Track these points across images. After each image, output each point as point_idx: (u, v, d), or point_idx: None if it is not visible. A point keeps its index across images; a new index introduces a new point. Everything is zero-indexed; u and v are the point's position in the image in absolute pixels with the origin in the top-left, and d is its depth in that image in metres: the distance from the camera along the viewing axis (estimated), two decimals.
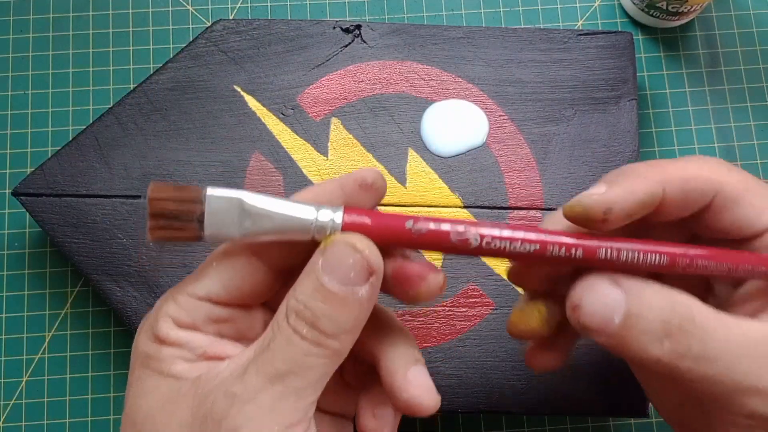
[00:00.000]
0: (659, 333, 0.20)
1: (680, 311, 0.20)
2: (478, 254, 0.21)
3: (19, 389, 0.34)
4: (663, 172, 0.22)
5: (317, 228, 0.20)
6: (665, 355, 0.20)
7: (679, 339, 0.20)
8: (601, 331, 0.21)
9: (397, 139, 0.33)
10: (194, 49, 0.34)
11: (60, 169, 0.33)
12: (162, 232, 0.20)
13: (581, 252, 0.21)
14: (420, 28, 0.34)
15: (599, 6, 0.39)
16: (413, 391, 0.21)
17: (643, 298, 0.20)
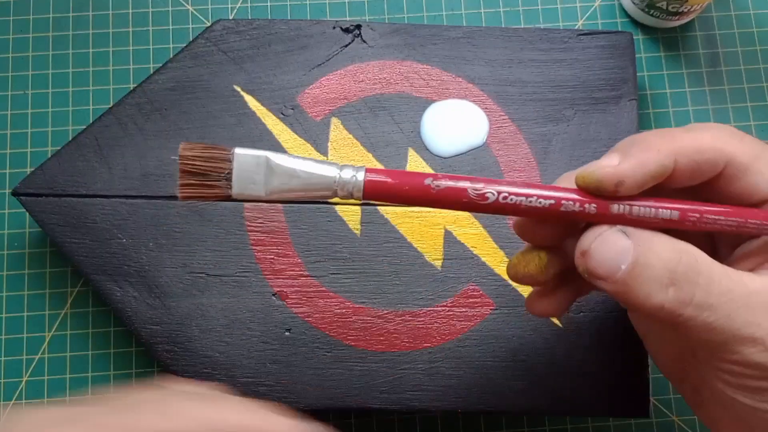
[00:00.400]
0: (665, 281, 0.21)
1: (686, 261, 0.21)
2: (495, 211, 0.22)
3: (19, 389, 0.34)
4: (675, 143, 0.22)
5: (340, 185, 0.21)
6: (669, 302, 0.21)
7: (684, 287, 0.21)
8: (608, 277, 0.21)
9: (397, 139, 0.33)
10: (194, 49, 0.34)
11: (60, 169, 0.32)
12: (192, 190, 0.21)
13: (594, 207, 0.22)
14: (420, 28, 0.34)
15: (599, 6, 0.39)
16: None
17: (651, 247, 0.21)
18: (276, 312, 0.31)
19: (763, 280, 0.22)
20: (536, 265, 0.24)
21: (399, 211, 0.33)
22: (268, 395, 0.31)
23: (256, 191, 0.21)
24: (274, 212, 0.32)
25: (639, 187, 0.22)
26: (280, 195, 0.21)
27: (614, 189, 0.21)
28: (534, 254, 0.24)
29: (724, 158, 0.22)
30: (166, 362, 0.31)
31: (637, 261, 0.21)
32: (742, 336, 0.21)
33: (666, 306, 0.21)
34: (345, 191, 0.21)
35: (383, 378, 0.31)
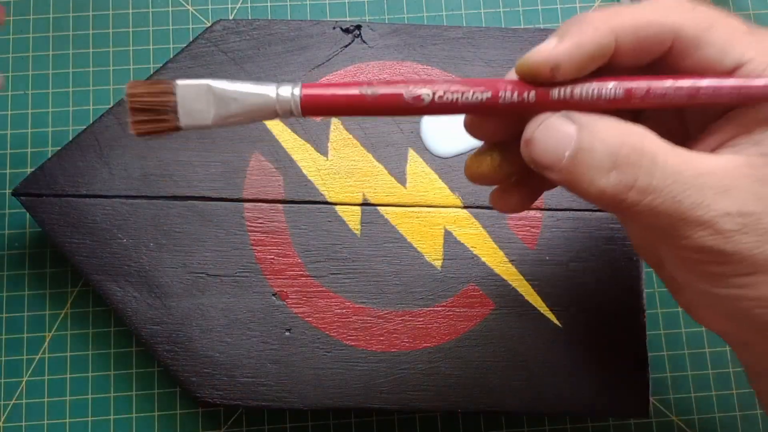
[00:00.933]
0: (607, 165, 0.20)
1: (630, 142, 0.20)
2: (433, 111, 0.21)
3: (19, 389, 0.34)
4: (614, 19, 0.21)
5: (279, 103, 0.21)
6: (610, 187, 0.20)
7: (626, 170, 0.20)
8: (553, 166, 0.20)
9: (397, 140, 0.33)
10: (194, 49, 0.34)
11: (60, 170, 0.33)
12: (144, 126, 0.22)
13: (533, 94, 0.21)
14: (420, 29, 0.34)
15: (599, 6, 0.39)
16: None
17: (594, 131, 0.20)
18: (276, 312, 0.31)
19: (718, 160, 0.20)
20: (488, 164, 0.23)
21: (399, 211, 0.33)
22: (268, 395, 0.31)
23: (202, 119, 0.21)
24: (275, 212, 0.32)
25: (578, 70, 0.20)
26: (225, 120, 0.21)
27: (550, 74, 0.20)
28: (486, 154, 0.24)
29: (671, 32, 0.21)
30: (167, 362, 0.31)
31: (581, 146, 0.20)
32: (689, 219, 0.20)
33: (608, 191, 0.20)
34: (284, 109, 0.21)
35: (383, 378, 0.31)
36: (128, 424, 0.34)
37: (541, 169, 0.21)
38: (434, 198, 0.33)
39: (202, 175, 0.33)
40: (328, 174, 0.33)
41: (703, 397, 0.35)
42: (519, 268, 0.32)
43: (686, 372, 0.35)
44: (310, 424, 0.34)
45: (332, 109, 0.21)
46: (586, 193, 0.21)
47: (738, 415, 0.35)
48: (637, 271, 0.32)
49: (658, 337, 0.36)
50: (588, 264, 0.32)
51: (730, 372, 0.35)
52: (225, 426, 0.34)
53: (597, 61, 0.21)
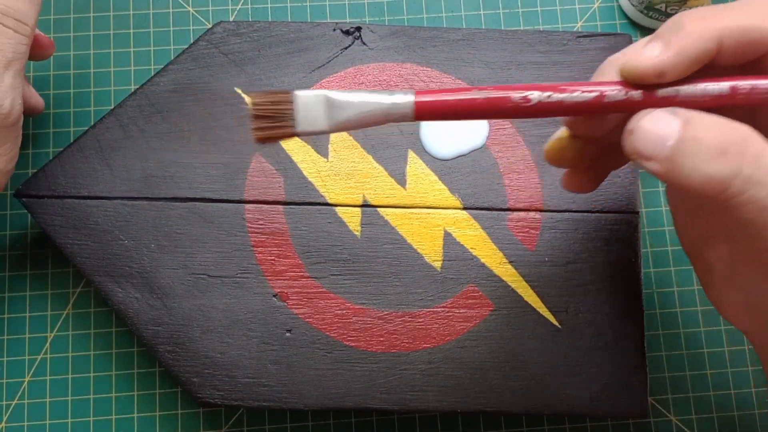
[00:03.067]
0: (713, 152, 0.20)
1: (737, 134, 0.21)
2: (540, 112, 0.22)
3: (22, 389, 0.34)
4: (718, 24, 0.22)
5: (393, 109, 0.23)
6: (717, 174, 0.20)
7: (733, 158, 0.20)
8: (654, 156, 0.21)
9: (397, 141, 0.33)
10: (195, 51, 0.34)
11: (62, 171, 0.33)
12: (264, 132, 0.23)
13: (640, 93, 0.22)
14: (420, 30, 0.35)
15: (598, 8, 0.39)
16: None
17: (698, 122, 0.21)
18: (277, 313, 0.32)
19: None
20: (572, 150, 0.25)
21: (399, 212, 0.33)
22: (268, 395, 0.31)
23: (320, 126, 0.23)
24: (275, 214, 0.33)
25: (681, 75, 0.22)
26: (342, 125, 0.23)
27: (656, 80, 0.21)
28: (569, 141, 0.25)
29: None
30: (168, 363, 0.31)
31: (685, 136, 0.21)
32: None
33: (715, 177, 0.20)
34: (398, 115, 0.23)
35: (383, 378, 0.31)
36: (130, 424, 0.34)
37: (641, 160, 0.22)
38: (434, 199, 0.33)
39: (203, 176, 0.33)
40: (328, 175, 0.33)
41: (701, 397, 0.35)
42: (518, 269, 0.32)
43: (684, 372, 0.35)
44: (310, 424, 0.35)
45: (443, 114, 0.23)
46: (687, 182, 0.21)
47: (736, 415, 0.35)
48: (636, 271, 0.32)
49: (656, 337, 0.36)
50: (587, 265, 0.32)
51: (728, 372, 0.35)
52: (226, 426, 0.34)
53: (700, 64, 0.22)
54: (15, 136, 0.30)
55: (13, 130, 0.30)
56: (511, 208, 0.33)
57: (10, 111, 0.29)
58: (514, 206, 0.33)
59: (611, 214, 0.33)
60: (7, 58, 0.28)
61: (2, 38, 0.28)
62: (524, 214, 0.33)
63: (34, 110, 0.35)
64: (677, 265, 0.36)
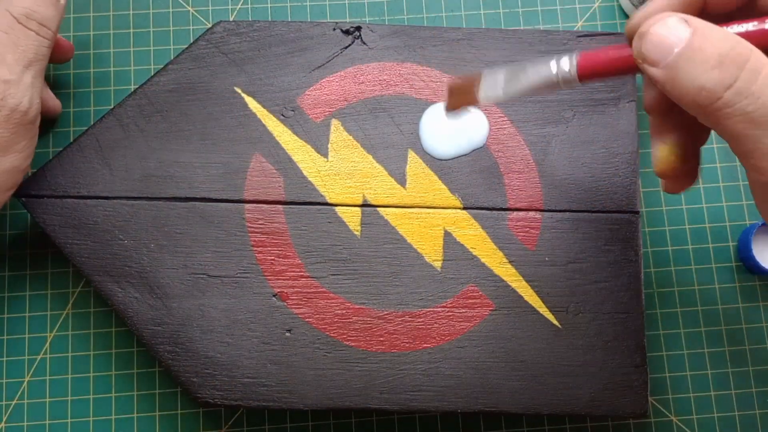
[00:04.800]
0: (712, 62, 0.21)
1: (739, 50, 0.21)
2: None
3: (21, 389, 0.34)
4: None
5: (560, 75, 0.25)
6: (711, 83, 0.21)
7: (729, 69, 0.21)
8: (659, 62, 0.22)
9: (397, 141, 0.33)
10: (195, 50, 0.34)
11: (61, 171, 0.33)
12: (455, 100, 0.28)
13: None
14: (420, 30, 0.35)
15: (598, 7, 0.39)
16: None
17: (707, 34, 0.21)
18: (276, 313, 0.32)
19: None
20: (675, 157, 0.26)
21: (399, 212, 0.33)
22: (268, 395, 0.31)
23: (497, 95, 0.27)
24: (275, 213, 0.32)
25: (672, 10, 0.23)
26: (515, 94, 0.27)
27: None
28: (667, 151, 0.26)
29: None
30: (168, 362, 0.31)
31: (691, 45, 0.21)
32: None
33: (707, 86, 0.21)
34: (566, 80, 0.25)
35: (383, 378, 0.31)
36: (129, 424, 0.34)
37: (645, 64, 0.22)
38: (434, 199, 0.33)
39: (202, 176, 0.33)
40: (328, 175, 0.33)
41: (701, 397, 0.35)
42: (518, 269, 0.32)
43: (685, 372, 0.35)
44: (310, 424, 0.35)
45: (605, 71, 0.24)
46: (684, 92, 0.21)
47: (736, 415, 0.35)
48: (636, 271, 0.32)
49: (656, 337, 0.36)
50: (587, 265, 0.32)
51: (728, 372, 0.35)
52: (226, 426, 0.34)
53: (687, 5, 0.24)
54: (32, 134, 0.31)
55: (30, 128, 0.30)
56: (511, 208, 0.33)
57: (28, 109, 0.30)
58: (514, 206, 0.33)
59: (611, 214, 0.33)
60: (29, 59, 0.30)
61: (25, 40, 0.29)
62: (524, 213, 0.33)
63: (51, 112, 0.35)
64: (677, 265, 0.36)
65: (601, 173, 0.33)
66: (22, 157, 0.30)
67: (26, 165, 0.31)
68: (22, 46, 0.29)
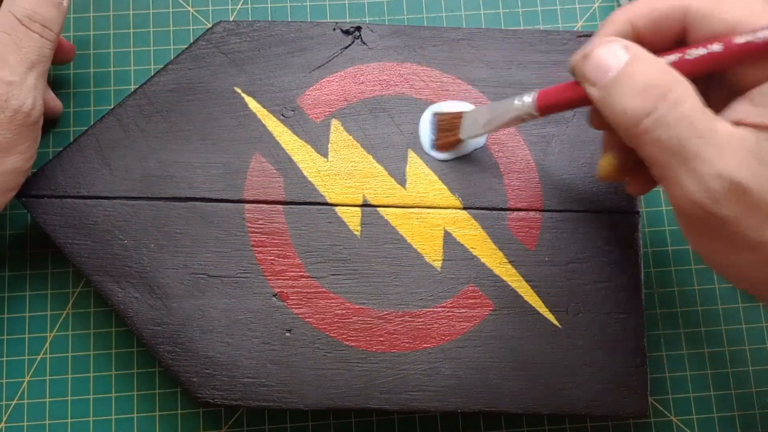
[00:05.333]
0: (637, 89, 0.22)
1: (665, 80, 0.22)
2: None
3: (21, 389, 0.34)
4: (632, 9, 0.24)
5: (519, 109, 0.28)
6: (632, 108, 0.22)
7: (650, 98, 0.22)
8: (596, 81, 0.23)
9: (397, 141, 0.33)
10: (195, 50, 0.34)
11: (61, 171, 0.33)
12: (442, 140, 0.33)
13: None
14: (420, 30, 0.35)
15: (599, 7, 0.39)
16: None
17: (642, 62, 0.23)
18: (276, 313, 0.32)
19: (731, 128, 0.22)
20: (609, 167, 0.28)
21: (399, 212, 0.33)
22: (268, 395, 0.31)
23: (476, 132, 0.31)
24: (275, 213, 0.33)
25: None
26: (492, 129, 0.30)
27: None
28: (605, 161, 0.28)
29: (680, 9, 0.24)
30: (168, 363, 0.31)
31: (625, 70, 0.23)
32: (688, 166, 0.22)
33: (629, 112, 0.22)
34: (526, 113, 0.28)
35: (383, 378, 0.31)
36: (129, 424, 0.34)
37: (584, 82, 0.24)
38: (434, 199, 0.33)
39: (202, 176, 0.33)
40: (328, 175, 0.33)
41: (701, 398, 0.35)
42: (518, 269, 0.32)
43: (685, 372, 0.35)
44: (310, 424, 0.35)
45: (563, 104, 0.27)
46: (612, 113, 0.23)
47: (736, 415, 0.35)
48: (636, 271, 0.32)
49: (656, 337, 0.36)
50: (587, 265, 0.32)
51: (728, 372, 0.35)
52: (226, 426, 0.34)
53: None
54: (35, 135, 0.31)
55: (33, 129, 0.31)
56: (511, 208, 0.33)
57: (31, 110, 0.30)
58: (514, 206, 0.33)
59: (611, 214, 0.33)
60: (32, 60, 0.30)
61: (28, 41, 0.30)
62: (524, 213, 0.33)
63: (52, 112, 0.36)
64: (677, 265, 0.36)
65: None
66: (24, 158, 0.30)
67: (28, 166, 0.31)
68: (24, 48, 0.29)
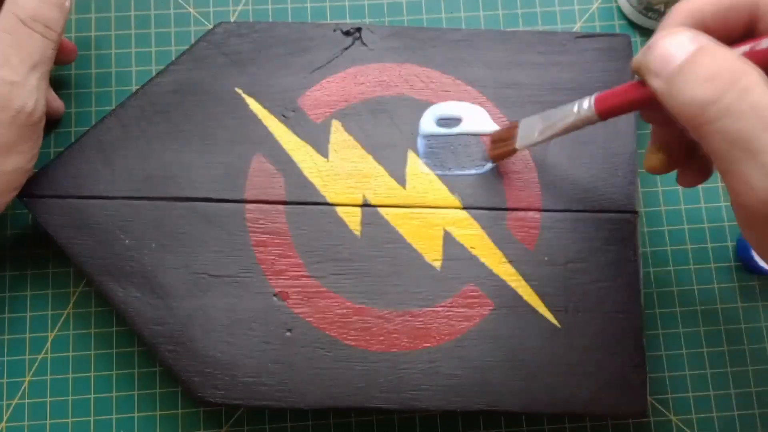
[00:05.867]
0: (704, 76, 0.21)
1: (734, 68, 0.21)
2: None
3: (22, 389, 0.34)
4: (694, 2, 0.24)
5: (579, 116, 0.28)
6: (698, 96, 0.21)
7: (718, 85, 0.21)
8: (660, 72, 0.22)
9: (397, 141, 0.33)
10: (196, 51, 0.34)
11: (63, 171, 0.33)
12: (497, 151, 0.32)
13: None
14: (420, 31, 0.35)
15: (597, 8, 0.39)
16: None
17: (709, 51, 0.22)
18: (277, 312, 0.32)
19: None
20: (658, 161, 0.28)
21: (399, 212, 0.33)
22: (269, 395, 0.31)
23: (532, 140, 0.30)
24: (276, 213, 0.33)
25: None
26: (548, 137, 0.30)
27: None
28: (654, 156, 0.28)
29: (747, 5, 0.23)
30: (169, 362, 0.31)
31: (691, 59, 0.22)
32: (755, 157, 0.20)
33: (695, 99, 0.21)
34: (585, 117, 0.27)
35: (383, 378, 0.31)
36: (130, 423, 0.34)
37: (647, 73, 0.23)
38: (434, 199, 0.33)
39: (203, 176, 0.33)
40: (328, 175, 0.33)
41: (701, 397, 0.35)
42: (518, 269, 0.32)
43: (684, 372, 0.35)
44: (310, 423, 0.35)
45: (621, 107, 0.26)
46: (677, 104, 0.22)
47: (736, 415, 0.35)
48: (635, 271, 0.32)
49: (656, 336, 0.36)
50: (586, 264, 0.32)
51: (728, 372, 0.35)
52: (226, 425, 0.35)
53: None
54: (36, 135, 0.31)
55: (35, 129, 0.31)
56: (510, 208, 0.33)
57: (33, 110, 0.30)
58: (514, 206, 0.33)
59: (611, 214, 0.33)
60: (34, 61, 0.30)
61: (30, 42, 0.30)
62: (523, 213, 0.33)
63: (54, 113, 0.36)
64: (677, 264, 0.36)
65: (600, 173, 0.33)
66: (26, 158, 0.31)
67: (30, 166, 0.31)
68: (27, 48, 0.30)
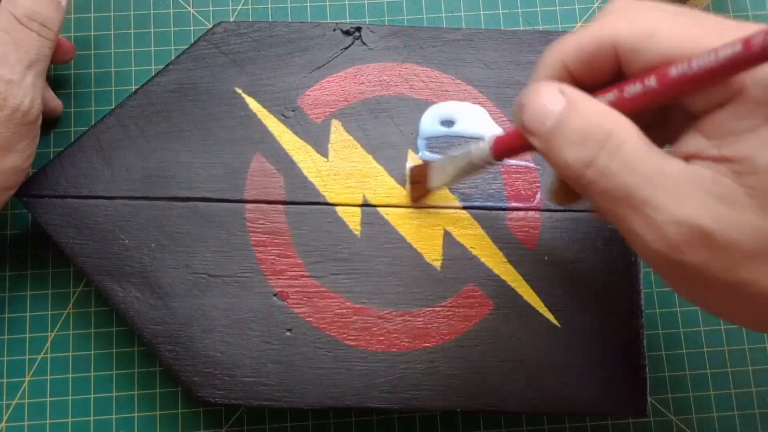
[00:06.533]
0: (575, 139, 0.21)
1: (603, 125, 0.20)
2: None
3: (22, 389, 0.34)
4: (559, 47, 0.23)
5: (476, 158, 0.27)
6: (572, 160, 0.21)
7: (589, 147, 0.20)
8: (536, 132, 0.22)
9: (397, 141, 0.33)
10: (195, 51, 0.34)
11: (62, 171, 0.33)
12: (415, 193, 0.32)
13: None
14: (420, 30, 0.35)
15: (597, 8, 0.39)
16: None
17: (577, 107, 0.21)
18: (277, 312, 0.32)
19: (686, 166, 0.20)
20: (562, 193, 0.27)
21: (399, 212, 0.33)
22: (269, 394, 0.31)
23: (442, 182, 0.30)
24: (276, 213, 0.33)
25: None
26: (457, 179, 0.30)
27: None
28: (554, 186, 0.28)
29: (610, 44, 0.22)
30: (168, 362, 0.31)
31: (561, 118, 0.21)
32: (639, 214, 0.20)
33: (569, 164, 0.21)
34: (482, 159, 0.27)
35: (383, 377, 0.31)
36: (130, 423, 0.34)
37: (526, 134, 0.22)
38: (434, 199, 0.33)
39: (203, 176, 0.33)
40: (328, 175, 0.33)
41: (701, 397, 0.35)
42: (518, 269, 0.32)
43: (684, 371, 0.35)
44: (310, 423, 0.35)
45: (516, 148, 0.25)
46: (556, 164, 0.21)
47: (736, 414, 0.35)
48: (636, 271, 0.32)
49: (656, 336, 0.36)
50: (586, 264, 0.32)
51: (728, 372, 0.35)
52: (226, 425, 0.35)
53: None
54: (33, 134, 0.31)
55: (31, 128, 0.31)
56: (510, 208, 0.33)
57: (29, 108, 0.30)
58: (514, 206, 0.33)
59: None
60: (30, 59, 0.30)
61: (27, 40, 0.30)
62: (524, 213, 0.33)
63: (53, 112, 0.36)
64: None
65: None
66: (23, 157, 0.30)
67: (27, 165, 0.31)
68: (23, 47, 0.30)
